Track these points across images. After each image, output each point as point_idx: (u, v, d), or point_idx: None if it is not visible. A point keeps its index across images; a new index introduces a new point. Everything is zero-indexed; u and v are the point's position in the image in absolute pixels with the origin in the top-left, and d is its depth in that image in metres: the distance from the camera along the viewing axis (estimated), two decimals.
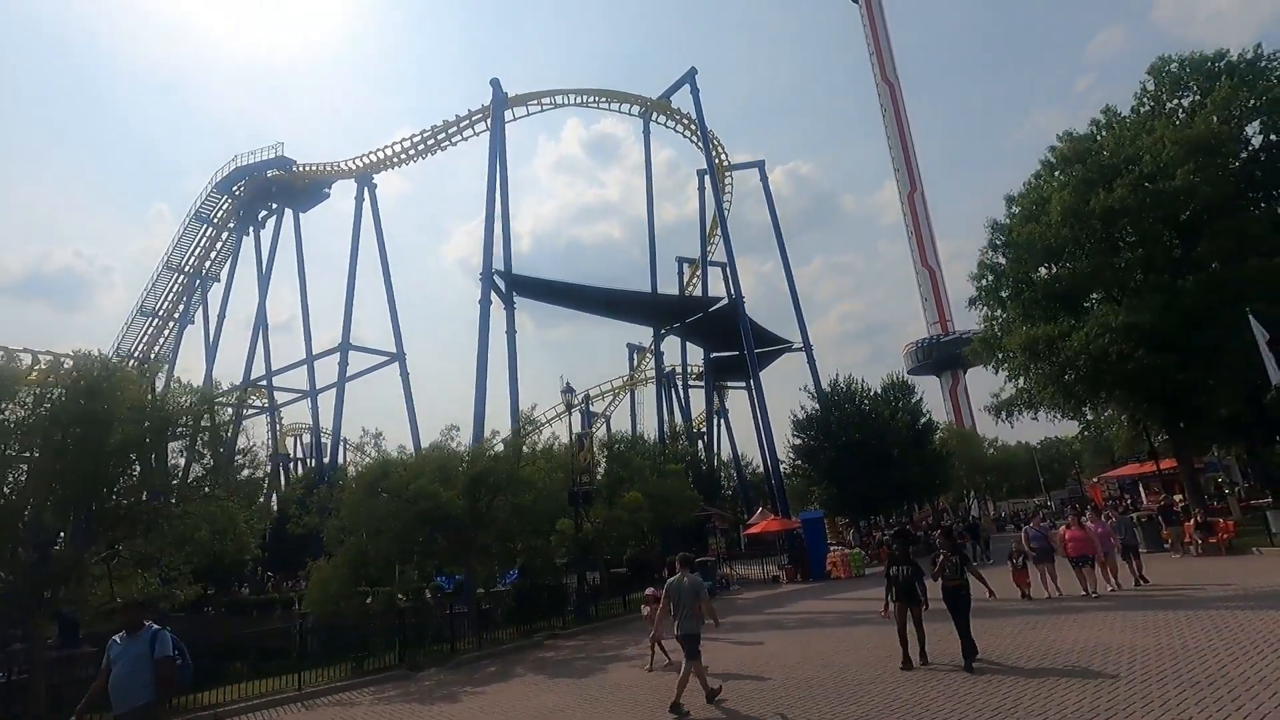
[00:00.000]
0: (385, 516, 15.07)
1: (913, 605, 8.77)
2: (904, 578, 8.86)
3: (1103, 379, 22.32)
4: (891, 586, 9.00)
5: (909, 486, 34.94)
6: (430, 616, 17.26)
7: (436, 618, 17.64)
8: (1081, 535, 13.84)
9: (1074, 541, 13.83)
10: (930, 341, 77.82)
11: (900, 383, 41.05)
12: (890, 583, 9.04)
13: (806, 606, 17.33)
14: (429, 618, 17.04)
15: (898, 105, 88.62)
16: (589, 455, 18.69)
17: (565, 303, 43.27)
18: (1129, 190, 22.80)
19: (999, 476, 64.16)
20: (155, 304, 60.15)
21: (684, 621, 8.20)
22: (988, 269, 27.41)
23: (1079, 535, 13.86)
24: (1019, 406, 27.69)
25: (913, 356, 76.96)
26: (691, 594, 8.28)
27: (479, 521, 16.12)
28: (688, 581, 8.39)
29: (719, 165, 53.25)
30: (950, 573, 8.80)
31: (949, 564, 8.87)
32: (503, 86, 40.57)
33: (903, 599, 8.84)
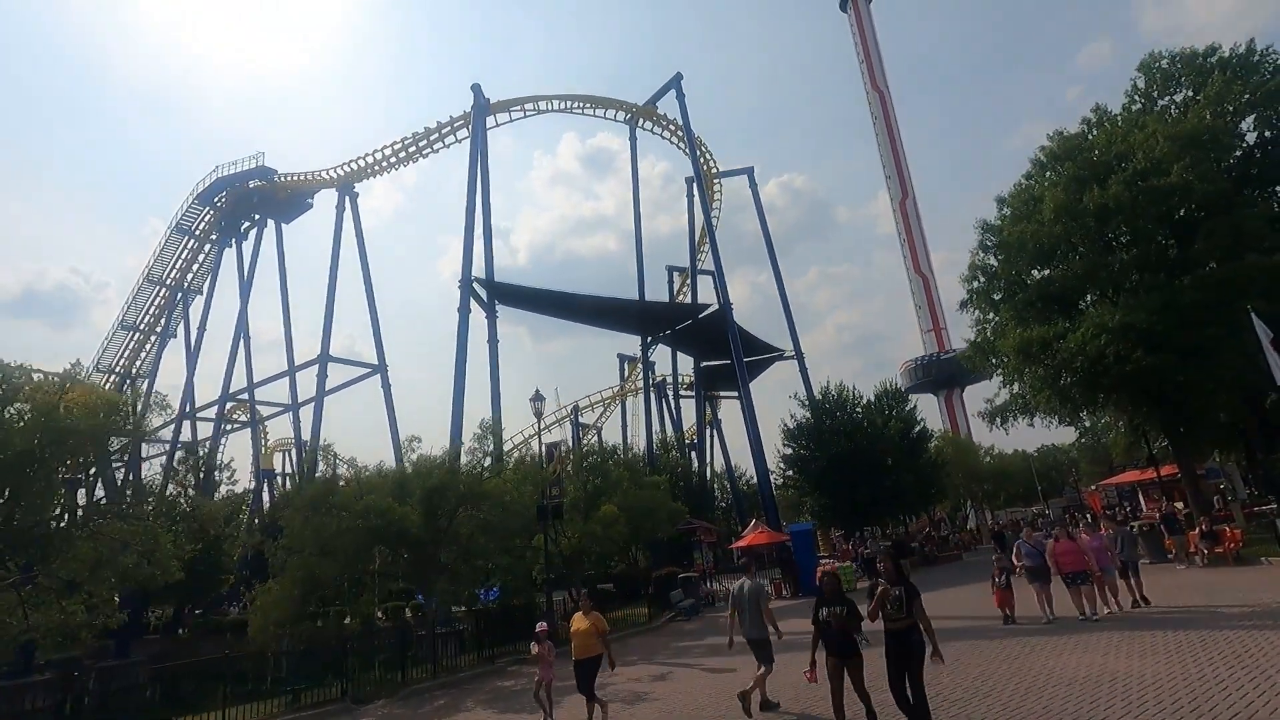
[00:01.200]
0: (334, 535, 14.01)
1: (849, 661, 6.42)
2: (837, 623, 6.39)
3: (1100, 381, 21.44)
4: (820, 636, 6.61)
5: (903, 496, 33.86)
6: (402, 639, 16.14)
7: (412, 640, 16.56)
8: (1073, 548, 12.23)
9: (1065, 556, 12.18)
10: (928, 359, 76.74)
11: (894, 390, 40.12)
12: (818, 630, 6.62)
13: (789, 626, 16.20)
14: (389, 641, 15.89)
15: (888, 113, 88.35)
16: (559, 467, 17.69)
17: (549, 311, 42.34)
18: (1123, 187, 22.03)
19: (996, 485, 63.07)
20: (136, 318, 59.09)
21: (751, 627, 8.36)
22: (979, 270, 26.60)
23: (1070, 548, 12.25)
24: (1014, 412, 26.80)
25: (911, 374, 75.70)
26: (753, 599, 8.33)
27: (439, 538, 15.07)
28: (749, 587, 8.46)
29: (707, 172, 52.61)
30: (893, 609, 6.24)
31: (889, 598, 6.25)
32: (484, 93, 39.85)
33: (835, 653, 6.44)
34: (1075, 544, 12.25)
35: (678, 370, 58.63)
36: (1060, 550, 12.25)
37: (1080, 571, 12.03)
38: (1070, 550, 12.18)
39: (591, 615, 8.67)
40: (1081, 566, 12.03)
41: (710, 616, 20.41)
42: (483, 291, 35.89)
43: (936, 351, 76.92)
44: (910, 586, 6.34)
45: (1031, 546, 12.99)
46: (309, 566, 14.16)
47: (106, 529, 10.86)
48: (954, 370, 71.29)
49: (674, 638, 16.72)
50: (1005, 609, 12.60)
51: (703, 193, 46.13)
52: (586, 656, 8.65)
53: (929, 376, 75.85)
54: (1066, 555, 12.15)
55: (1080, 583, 12.02)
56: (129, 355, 59.85)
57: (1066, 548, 12.26)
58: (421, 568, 15.38)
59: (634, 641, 16.61)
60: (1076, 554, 12.10)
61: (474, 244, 35.58)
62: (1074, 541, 12.36)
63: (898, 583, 6.35)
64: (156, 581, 11.30)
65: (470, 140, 38.91)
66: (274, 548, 15.25)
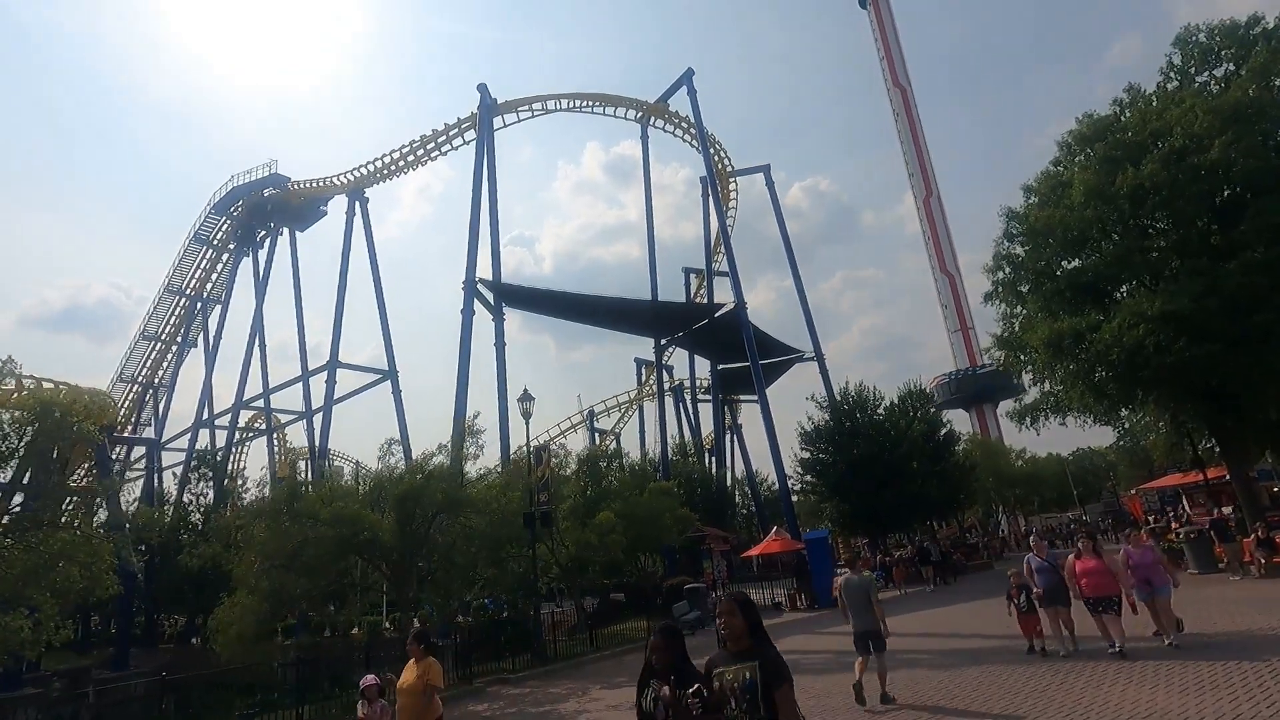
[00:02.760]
0: (301, 545, 13.09)
1: None
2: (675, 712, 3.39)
3: (1138, 375, 19.73)
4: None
5: (927, 502, 32.16)
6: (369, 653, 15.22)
7: None
8: (1098, 567, 9.59)
9: (1088, 576, 9.57)
10: (960, 375, 74.06)
11: (918, 392, 38.42)
12: None
13: (798, 643, 14.97)
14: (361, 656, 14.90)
15: (910, 110, 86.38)
16: (547, 471, 16.62)
17: (558, 313, 41.47)
18: (1159, 166, 20.36)
19: (1028, 490, 60.51)
20: (158, 328, 59.67)
21: (860, 619, 8.53)
22: (1004, 261, 24.94)
23: (1095, 568, 9.58)
24: (1045, 411, 25.07)
25: (942, 390, 72.85)
26: (862, 593, 8.58)
27: (415, 547, 14.08)
28: (856, 581, 8.73)
29: (721, 171, 51.47)
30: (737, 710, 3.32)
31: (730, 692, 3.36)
32: (491, 93, 39.26)
33: None
34: (1101, 562, 9.66)
35: (695, 374, 57.44)
36: (1083, 569, 9.67)
37: (1105, 597, 9.49)
38: (1095, 570, 9.58)
39: (422, 664, 6.15)
40: (1109, 590, 9.49)
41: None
42: (489, 294, 35.14)
43: (969, 366, 74.24)
44: (772, 663, 3.31)
45: (1044, 562, 10.28)
46: (274, 578, 13.27)
47: (40, 540, 10.03)
48: (986, 385, 68.78)
49: None
50: (1031, 636, 10.37)
51: (715, 191, 44.94)
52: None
53: (961, 392, 73.04)
54: (1090, 576, 9.58)
55: (1104, 610, 9.47)
56: (151, 365, 60.45)
57: (1090, 566, 9.63)
58: (398, 578, 14.40)
59: (630, 659, 15.43)
60: (1103, 575, 9.56)
61: (480, 246, 34.96)
62: (1099, 559, 9.71)
63: (750, 651, 3.37)
64: (93, 595, 10.46)
65: (477, 141, 38.30)
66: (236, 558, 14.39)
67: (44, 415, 11.50)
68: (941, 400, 68.24)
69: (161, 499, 44.23)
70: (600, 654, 15.97)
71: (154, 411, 60.74)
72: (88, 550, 10.25)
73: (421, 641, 6.18)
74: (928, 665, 10.27)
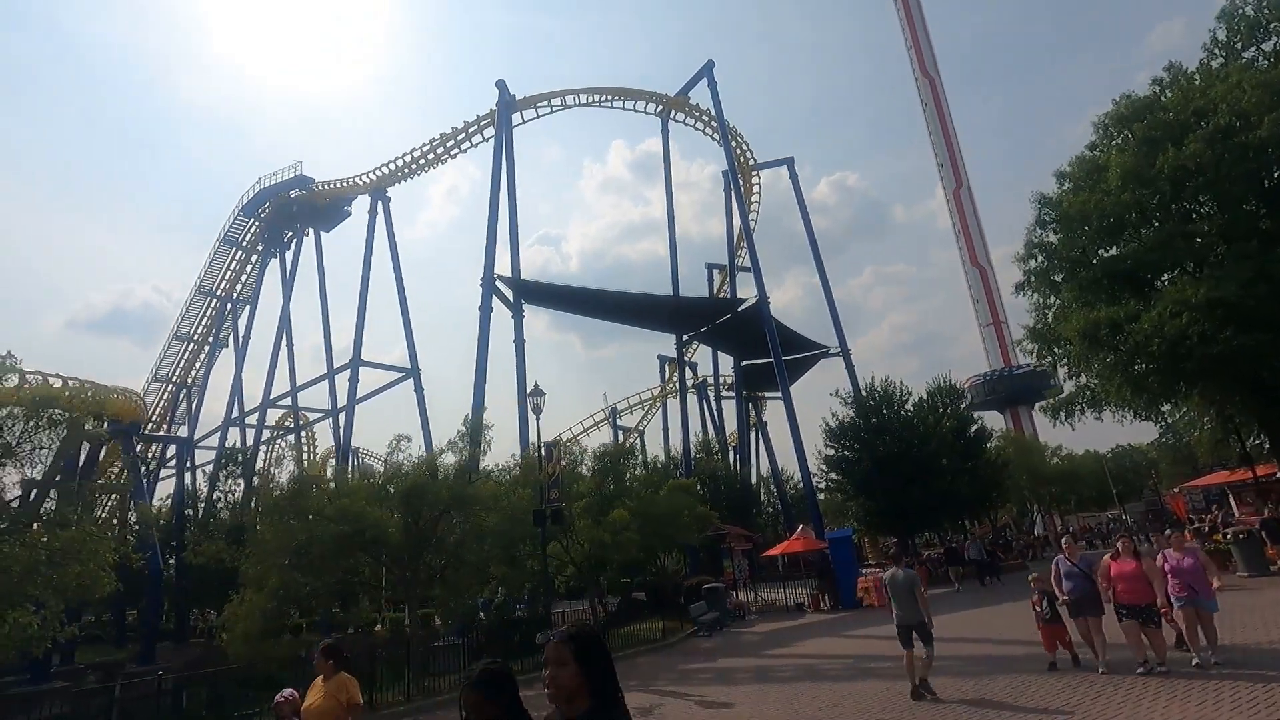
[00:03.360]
0: (307, 542, 12.90)
1: None
2: None
3: (1181, 367, 18.67)
4: None
5: (957, 500, 31.13)
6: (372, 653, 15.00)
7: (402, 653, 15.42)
8: (1136, 571, 8.48)
9: (1124, 581, 8.45)
10: (995, 376, 71.87)
11: (948, 387, 37.34)
12: None
13: (816, 646, 14.39)
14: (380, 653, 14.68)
15: (939, 100, 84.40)
16: (558, 467, 16.24)
17: (578, 309, 41.16)
18: (1203, 145, 19.24)
19: (1065, 488, 58.58)
20: (190, 329, 60.77)
21: (904, 613, 8.63)
22: (1036, 249, 23.91)
23: (1133, 571, 8.48)
24: (1081, 405, 23.98)
25: (976, 391, 70.60)
26: (905, 587, 8.74)
27: (421, 545, 13.81)
28: (901, 576, 8.89)
29: (743, 165, 50.70)
30: None
31: None
32: (509, 89, 39.07)
33: None
34: (1139, 565, 8.56)
35: (719, 370, 56.76)
36: (1119, 572, 8.53)
37: (1142, 605, 8.36)
38: (1133, 575, 8.46)
39: (333, 681, 5.39)
40: (1147, 598, 8.39)
41: (735, 632, 18.56)
42: (508, 291, 34.98)
43: (1004, 367, 72.08)
44: None
45: (1074, 566, 9.07)
46: (281, 576, 13.11)
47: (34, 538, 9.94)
48: (1022, 386, 66.68)
49: (686, 657, 15.01)
50: (1056, 650, 9.18)
51: (737, 185, 44.22)
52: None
53: (995, 393, 70.85)
54: (1126, 581, 8.44)
55: (1145, 620, 8.33)
56: (184, 365, 61.57)
57: (1127, 570, 8.50)
58: (404, 576, 14.15)
59: (642, 662, 15.01)
60: (1141, 581, 8.43)
61: (501, 243, 34.82)
62: (1138, 562, 8.61)
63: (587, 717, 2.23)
64: (89, 594, 10.36)
65: (495, 137, 38.15)
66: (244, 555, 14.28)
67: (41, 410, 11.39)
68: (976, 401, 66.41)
69: (195, 497, 45.06)
70: (614, 654, 15.55)
71: (188, 411, 61.93)
72: (88, 548, 10.17)
73: (331, 656, 5.43)
74: (953, 673, 9.64)
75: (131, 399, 30.29)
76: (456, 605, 15.60)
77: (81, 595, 10.45)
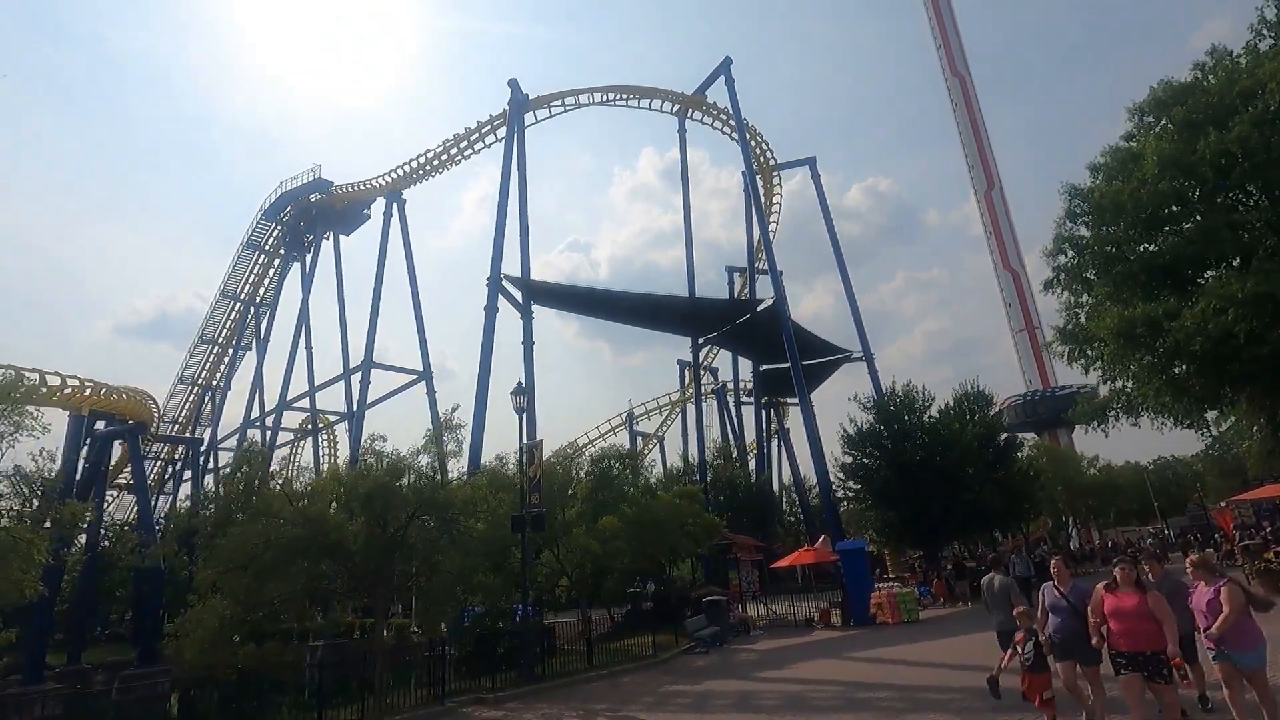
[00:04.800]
0: (263, 547, 12.15)
1: None
2: None
3: (1226, 368, 17.09)
4: None
5: (983, 512, 29.40)
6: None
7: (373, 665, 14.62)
8: (1138, 607, 6.12)
9: (1121, 619, 6.19)
10: (1032, 397, 68.89)
11: (975, 393, 35.60)
12: None
13: (812, 669, 13.19)
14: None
15: (969, 99, 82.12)
16: (539, 470, 15.31)
17: (588, 311, 40.37)
18: (1250, 127, 17.66)
19: (1103, 501, 55.77)
20: (214, 332, 61.48)
21: (1003, 618, 8.44)
22: (1066, 243, 22.31)
23: (1134, 607, 6.15)
24: (1116, 411, 22.29)
25: (1014, 412, 67.56)
26: (1002, 594, 8.60)
27: (388, 551, 12.98)
28: (999, 583, 8.80)
29: (763, 166, 49.58)
30: None
31: None
32: (521, 88, 38.58)
33: None
34: (1141, 600, 6.12)
35: (739, 375, 55.58)
36: (1115, 608, 6.23)
37: (1145, 654, 5.98)
38: (1133, 611, 6.10)
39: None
40: (1152, 644, 5.96)
41: (734, 649, 17.36)
42: (517, 292, 34.34)
43: (1042, 389, 69.11)
44: None
45: (1061, 597, 6.88)
46: (238, 581, 12.38)
47: None
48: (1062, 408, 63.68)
49: (673, 677, 13.92)
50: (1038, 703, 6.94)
51: (754, 184, 43.10)
52: None
53: (1032, 416, 67.75)
54: (1124, 620, 6.15)
55: (1151, 675, 5.97)
56: (209, 368, 62.27)
57: (1126, 605, 6.16)
58: (370, 585, 13.32)
59: (627, 681, 13.95)
60: (1143, 621, 6.05)
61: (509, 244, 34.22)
62: (1141, 595, 6.16)
63: None
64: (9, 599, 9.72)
65: (506, 135, 37.66)
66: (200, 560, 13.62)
67: None
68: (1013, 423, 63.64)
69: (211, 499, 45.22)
70: (597, 672, 14.56)
71: (213, 414, 62.56)
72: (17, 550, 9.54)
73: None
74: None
75: (140, 399, 30.23)
76: (435, 615, 14.75)
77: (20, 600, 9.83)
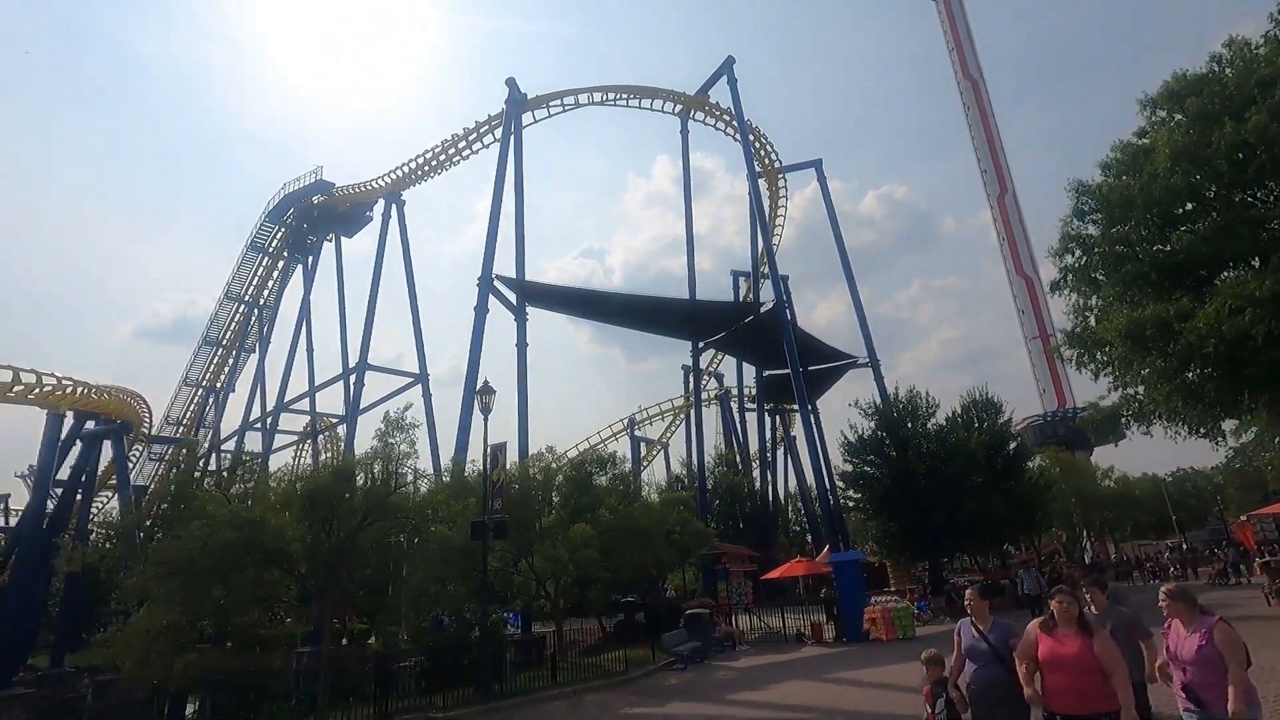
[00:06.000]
0: (199, 551, 11.41)
1: None
2: None
3: (1243, 372, 16.00)
4: None
5: (990, 523, 28.19)
6: None
7: None
8: (1079, 655, 4.39)
9: (1059, 672, 4.46)
10: (1051, 418, 67.01)
11: (984, 400, 34.42)
12: None
13: (789, 691, 12.23)
14: None
15: (982, 103, 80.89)
16: (503, 475, 14.51)
17: (584, 312, 39.62)
18: (1268, 117, 16.60)
19: (1119, 513, 54.05)
20: (219, 334, 61.35)
21: None
22: (1073, 241, 21.25)
23: (1073, 656, 4.42)
24: (1126, 418, 21.14)
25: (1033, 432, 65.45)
26: None
27: (335, 558, 12.20)
28: None
29: (769, 168, 48.77)
30: None
31: None
32: (520, 87, 38.04)
33: None
34: (1084, 645, 4.41)
35: (743, 381, 54.55)
36: (1051, 656, 4.54)
37: (1090, 716, 4.29)
38: (1073, 662, 4.41)
39: None
40: (1098, 705, 4.27)
41: (715, 665, 16.39)
42: (510, 293, 33.66)
43: (1060, 410, 67.25)
44: None
45: (979, 638, 5.23)
46: (171, 587, 11.66)
47: None
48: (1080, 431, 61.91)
49: (640, 698, 13.01)
50: None
51: (756, 185, 42.24)
52: None
53: (1051, 437, 65.70)
54: (1061, 672, 4.46)
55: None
56: (214, 370, 62.13)
57: (1064, 653, 4.47)
58: (316, 594, 12.56)
59: (591, 700, 13.06)
60: (1086, 674, 4.36)
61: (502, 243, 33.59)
62: (1084, 638, 4.45)
63: None
64: None
65: (503, 134, 37.10)
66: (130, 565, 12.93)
67: None
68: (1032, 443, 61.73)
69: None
70: (561, 690, 13.69)
71: (215, 416, 62.37)
72: None
73: None
74: None
75: (125, 400, 29.83)
76: (394, 626, 13.98)
77: None
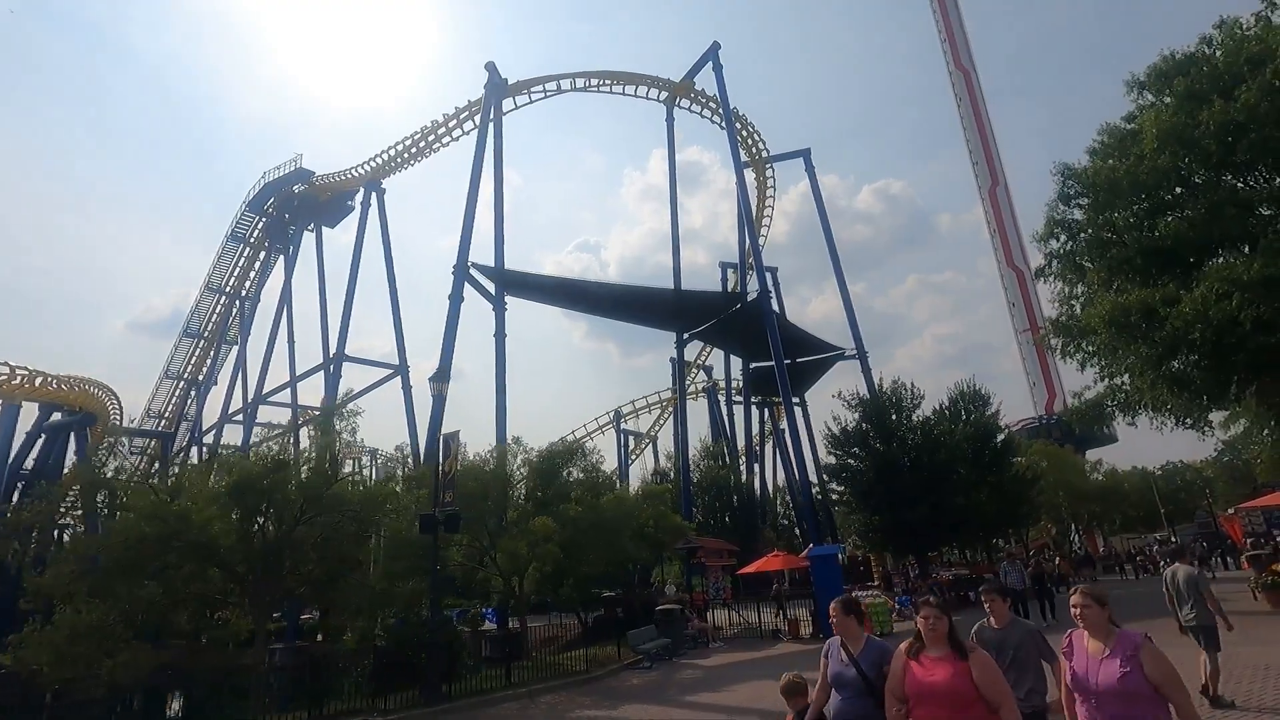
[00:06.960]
0: (124, 546, 10.74)
1: None
2: None
3: (1230, 360, 15.44)
4: None
5: (975, 516, 27.69)
6: None
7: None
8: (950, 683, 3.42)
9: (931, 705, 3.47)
10: (1045, 421, 66.55)
11: (972, 392, 33.91)
12: None
13: (751, 692, 11.66)
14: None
15: (973, 94, 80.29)
16: (454, 466, 13.85)
17: (565, 302, 38.87)
18: (1257, 95, 16.00)
19: (1107, 506, 53.80)
20: (200, 325, 60.38)
21: (1199, 614, 8.17)
22: (1058, 226, 20.63)
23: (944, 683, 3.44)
24: (1111, 409, 20.59)
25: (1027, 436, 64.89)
26: (1191, 585, 8.34)
27: (270, 553, 11.52)
28: (1182, 575, 8.52)
29: (756, 158, 48.10)
30: None
31: None
32: (500, 72, 37.22)
33: None
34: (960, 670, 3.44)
35: (730, 373, 54.05)
36: (920, 686, 3.52)
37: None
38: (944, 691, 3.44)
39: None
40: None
41: (683, 664, 15.80)
42: (489, 283, 32.94)
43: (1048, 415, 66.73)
44: None
45: (847, 663, 4.04)
46: (97, 583, 10.98)
47: None
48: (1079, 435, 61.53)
49: (597, 698, 12.39)
50: None
51: (739, 173, 41.51)
52: None
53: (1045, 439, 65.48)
54: (936, 704, 3.46)
55: None
56: (195, 362, 61.17)
57: (935, 681, 3.49)
58: (252, 591, 11.88)
59: (545, 701, 12.45)
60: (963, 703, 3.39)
61: (480, 231, 32.78)
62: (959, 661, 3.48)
63: None
64: None
65: (482, 120, 36.29)
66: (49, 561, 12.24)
67: None
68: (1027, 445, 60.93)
69: None
70: (516, 691, 13.05)
71: (196, 408, 61.48)
72: None
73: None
74: None
75: (89, 391, 28.98)
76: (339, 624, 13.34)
77: None
